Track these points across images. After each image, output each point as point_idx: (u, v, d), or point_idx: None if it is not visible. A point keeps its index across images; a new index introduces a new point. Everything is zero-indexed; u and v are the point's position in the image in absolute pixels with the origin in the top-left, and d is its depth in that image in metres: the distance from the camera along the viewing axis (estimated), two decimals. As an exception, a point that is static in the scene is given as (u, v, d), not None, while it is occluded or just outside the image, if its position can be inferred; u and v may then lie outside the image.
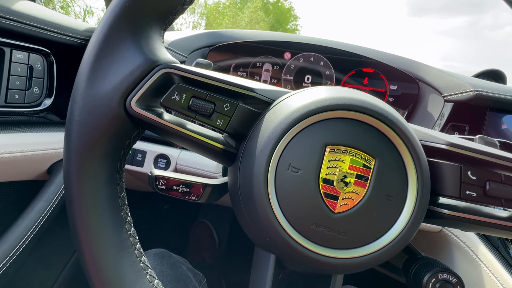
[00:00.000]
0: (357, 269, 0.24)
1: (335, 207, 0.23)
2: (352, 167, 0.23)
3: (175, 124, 0.25)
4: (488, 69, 1.36)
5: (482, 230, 0.27)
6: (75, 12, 7.69)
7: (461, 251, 0.51)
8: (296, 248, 0.23)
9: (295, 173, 0.23)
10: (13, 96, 0.48)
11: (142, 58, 0.23)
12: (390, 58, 0.65)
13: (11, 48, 0.47)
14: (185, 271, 0.53)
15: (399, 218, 0.23)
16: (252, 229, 0.26)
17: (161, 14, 0.25)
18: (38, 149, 0.52)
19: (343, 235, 0.23)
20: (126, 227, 0.24)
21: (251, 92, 0.25)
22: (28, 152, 0.50)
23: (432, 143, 0.26)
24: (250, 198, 0.24)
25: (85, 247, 0.23)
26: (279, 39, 0.68)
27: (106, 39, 0.23)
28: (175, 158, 0.60)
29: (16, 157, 0.49)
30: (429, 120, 0.61)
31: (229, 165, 0.28)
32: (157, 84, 0.24)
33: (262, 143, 0.23)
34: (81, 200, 0.23)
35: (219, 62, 0.70)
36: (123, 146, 0.25)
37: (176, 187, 0.35)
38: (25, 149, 0.50)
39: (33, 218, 0.53)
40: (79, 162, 0.23)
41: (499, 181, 0.24)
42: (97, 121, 0.23)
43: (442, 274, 0.28)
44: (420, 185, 0.23)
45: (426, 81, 0.62)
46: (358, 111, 0.23)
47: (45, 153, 0.53)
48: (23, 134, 0.51)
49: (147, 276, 0.24)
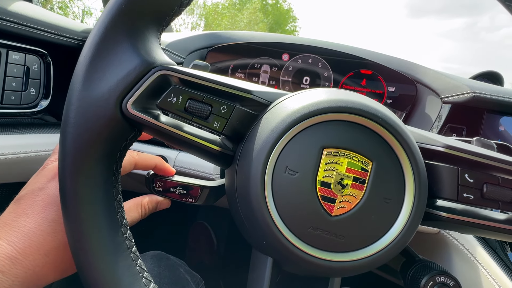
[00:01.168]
0: (355, 272, 0.24)
1: (332, 210, 0.23)
2: (349, 170, 0.23)
3: (171, 126, 0.25)
4: (486, 71, 1.37)
5: (480, 232, 0.27)
6: (73, 12, 7.68)
7: (459, 253, 0.51)
8: (293, 251, 0.23)
9: (292, 176, 0.23)
10: (9, 97, 0.48)
11: (138, 59, 0.23)
12: (388, 59, 0.66)
13: (7, 49, 0.47)
14: (183, 273, 0.53)
15: (397, 221, 0.23)
16: (249, 231, 0.26)
17: (158, 16, 0.25)
18: (34, 150, 0.51)
19: (341, 238, 0.23)
20: (122, 230, 0.24)
21: (248, 94, 0.25)
22: (24, 153, 0.50)
23: (430, 146, 0.26)
24: (247, 200, 0.24)
25: (80, 251, 0.23)
26: (278, 41, 0.68)
27: (102, 40, 0.23)
28: (173, 159, 0.60)
29: (12, 158, 0.48)
30: (427, 121, 0.61)
31: (226, 167, 0.28)
32: (154, 86, 0.24)
33: (259, 145, 0.23)
34: (76, 202, 0.23)
35: (218, 64, 0.70)
36: (119, 148, 0.25)
37: (174, 189, 0.35)
38: (22, 151, 0.50)
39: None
40: (74, 164, 0.23)
41: (496, 183, 0.24)
42: (93, 123, 0.22)
43: (440, 277, 0.28)
44: (417, 188, 0.23)
45: (424, 83, 0.63)
46: (355, 113, 0.23)
47: (41, 154, 0.53)
48: (20, 136, 0.51)
49: (143, 279, 0.24)
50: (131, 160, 0.33)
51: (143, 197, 0.35)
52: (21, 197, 0.27)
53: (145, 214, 0.35)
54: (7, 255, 0.24)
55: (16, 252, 0.24)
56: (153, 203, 0.35)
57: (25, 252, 0.24)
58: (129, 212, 0.33)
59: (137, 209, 0.34)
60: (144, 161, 0.34)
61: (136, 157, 0.34)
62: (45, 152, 0.53)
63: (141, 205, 0.34)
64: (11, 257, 0.24)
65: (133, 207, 0.33)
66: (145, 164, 0.34)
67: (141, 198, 0.35)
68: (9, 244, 0.24)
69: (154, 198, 0.35)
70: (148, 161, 0.35)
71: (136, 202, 0.34)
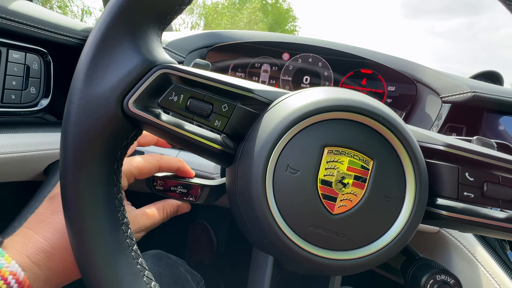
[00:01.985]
0: (356, 271, 0.24)
1: (333, 208, 0.23)
2: (350, 168, 0.23)
3: (172, 125, 0.25)
4: (485, 71, 1.37)
5: (480, 231, 0.27)
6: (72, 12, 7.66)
7: (458, 252, 0.51)
8: (294, 249, 0.23)
9: (293, 174, 0.23)
10: (10, 96, 0.48)
11: (139, 58, 0.23)
12: (388, 59, 0.66)
13: (7, 48, 0.47)
14: (183, 272, 0.53)
15: (397, 220, 0.23)
16: (250, 230, 0.26)
17: (159, 14, 0.25)
18: (34, 149, 0.51)
19: (342, 236, 0.23)
20: (123, 228, 0.24)
21: (249, 93, 0.25)
22: (24, 152, 0.50)
23: (430, 144, 0.26)
24: (248, 199, 0.24)
25: (82, 249, 0.23)
26: (278, 40, 0.68)
27: (103, 39, 0.23)
28: (173, 158, 0.60)
29: (12, 157, 0.48)
30: (426, 121, 0.61)
31: (227, 166, 0.28)
32: (155, 85, 0.24)
33: (260, 144, 0.23)
34: (78, 201, 0.23)
35: (218, 63, 0.70)
36: (121, 147, 0.25)
37: (174, 188, 0.35)
38: (22, 150, 0.49)
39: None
40: (75, 163, 0.23)
41: (497, 182, 0.25)
42: (94, 122, 0.23)
43: (440, 275, 0.28)
44: (418, 187, 0.23)
45: (424, 82, 0.63)
46: (356, 112, 0.23)
47: (41, 153, 0.53)
48: (20, 135, 0.51)
49: (144, 278, 0.24)
50: (156, 164, 0.33)
51: (164, 201, 0.35)
52: (54, 195, 0.29)
53: (166, 217, 0.35)
54: (43, 249, 0.25)
55: (51, 247, 0.26)
56: (174, 207, 0.35)
57: (59, 247, 0.26)
58: (151, 216, 0.33)
59: (159, 213, 0.34)
60: (167, 164, 0.34)
61: (160, 161, 0.34)
62: (45, 151, 0.53)
63: (163, 208, 0.34)
64: (46, 252, 0.25)
65: (154, 211, 0.34)
66: (168, 167, 0.35)
67: (162, 202, 0.35)
68: (45, 239, 0.26)
69: (175, 202, 0.35)
70: (172, 164, 0.35)
71: (158, 206, 0.34)
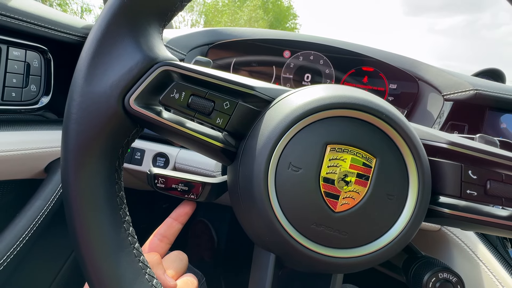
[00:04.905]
0: (358, 269, 0.24)
1: (336, 206, 0.23)
2: (353, 166, 0.23)
3: (174, 122, 0.25)
4: (488, 68, 1.36)
5: (483, 229, 0.27)
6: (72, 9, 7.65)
7: (460, 250, 0.51)
8: (296, 247, 0.23)
9: (296, 172, 0.23)
10: (10, 94, 0.48)
11: (140, 55, 0.23)
12: (390, 57, 0.65)
13: (7, 45, 0.47)
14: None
15: (400, 217, 0.23)
16: (252, 228, 0.26)
17: (160, 11, 0.24)
18: (35, 147, 0.51)
19: (344, 234, 0.23)
20: (124, 226, 0.24)
21: (251, 90, 0.25)
22: (25, 150, 0.50)
23: (433, 142, 0.26)
24: (250, 197, 0.23)
25: (83, 247, 0.23)
26: (279, 38, 0.68)
27: (104, 36, 0.23)
28: (174, 156, 0.60)
29: (13, 155, 0.48)
30: (428, 119, 0.61)
31: (229, 163, 0.28)
32: (156, 82, 0.24)
33: (262, 141, 0.23)
34: (79, 199, 0.23)
35: (218, 60, 0.70)
36: (122, 144, 0.25)
37: (175, 186, 0.34)
38: (22, 148, 0.49)
39: (31, 217, 0.53)
40: (76, 160, 0.22)
41: (500, 180, 0.24)
42: (95, 119, 0.22)
43: (442, 273, 0.28)
44: (421, 184, 0.23)
45: (425, 80, 0.62)
46: (359, 109, 0.23)
47: (42, 151, 0.53)
48: (20, 133, 0.51)
49: (146, 275, 0.24)
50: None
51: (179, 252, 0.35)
52: None
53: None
54: None
55: None
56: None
57: None
58: (172, 263, 0.33)
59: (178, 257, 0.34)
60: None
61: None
62: (46, 149, 0.53)
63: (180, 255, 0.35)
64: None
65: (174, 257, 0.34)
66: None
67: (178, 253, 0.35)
68: None
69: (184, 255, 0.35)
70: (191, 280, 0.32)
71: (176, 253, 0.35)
